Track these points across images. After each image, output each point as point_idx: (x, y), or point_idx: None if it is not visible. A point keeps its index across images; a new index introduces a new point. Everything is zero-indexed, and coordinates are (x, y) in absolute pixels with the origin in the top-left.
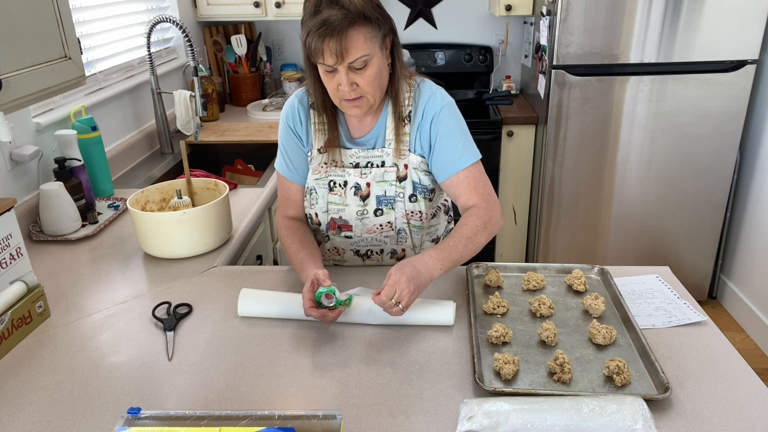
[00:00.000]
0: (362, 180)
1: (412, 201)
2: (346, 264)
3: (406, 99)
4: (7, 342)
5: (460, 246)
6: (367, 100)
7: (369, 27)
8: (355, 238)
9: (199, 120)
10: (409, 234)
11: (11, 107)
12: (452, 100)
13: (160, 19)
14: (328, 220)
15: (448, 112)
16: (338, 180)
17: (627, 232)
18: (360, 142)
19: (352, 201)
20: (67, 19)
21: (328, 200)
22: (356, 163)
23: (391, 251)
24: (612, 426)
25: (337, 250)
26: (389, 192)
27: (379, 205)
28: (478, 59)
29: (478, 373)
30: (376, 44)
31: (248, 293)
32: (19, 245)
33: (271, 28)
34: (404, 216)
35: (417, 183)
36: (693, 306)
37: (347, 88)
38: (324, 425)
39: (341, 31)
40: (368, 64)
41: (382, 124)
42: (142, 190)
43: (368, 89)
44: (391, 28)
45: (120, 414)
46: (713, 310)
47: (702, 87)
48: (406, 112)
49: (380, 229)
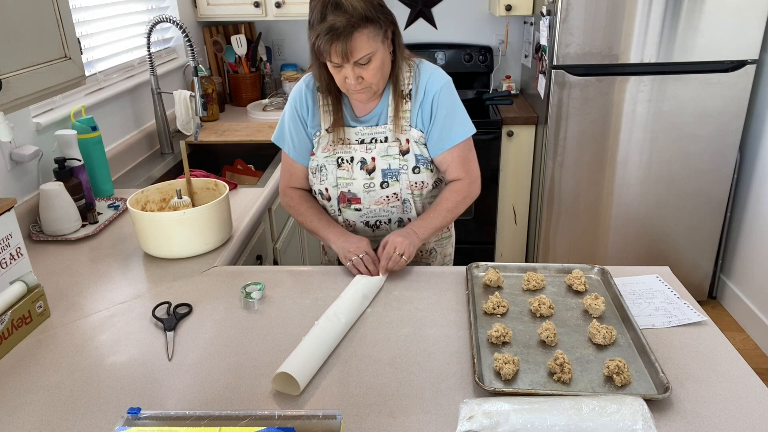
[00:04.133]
0: (368, 155)
1: (416, 172)
2: (359, 235)
3: (405, 78)
4: (7, 342)
5: (440, 216)
6: (371, 89)
7: (371, 27)
8: (364, 210)
9: (199, 120)
10: (413, 204)
11: (11, 107)
12: (450, 79)
13: (160, 19)
14: (338, 194)
15: (447, 90)
16: (345, 156)
17: (627, 232)
18: (363, 120)
19: (359, 175)
20: (67, 19)
21: (337, 175)
22: (361, 140)
23: (398, 220)
24: (612, 426)
25: (349, 222)
26: (393, 165)
27: (385, 177)
28: (478, 59)
29: (478, 373)
30: (378, 41)
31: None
32: (19, 245)
33: (271, 28)
34: (408, 187)
35: (419, 156)
36: (693, 306)
37: (353, 81)
38: (324, 425)
39: (346, 36)
40: (372, 60)
41: (384, 103)
42: (142, 190)
43: (373, 80)
44: (392, 22)
45: (120, 414)
46: (713, 310)
47: (702, 87)
48: (406, 90)
49: (387, 200)
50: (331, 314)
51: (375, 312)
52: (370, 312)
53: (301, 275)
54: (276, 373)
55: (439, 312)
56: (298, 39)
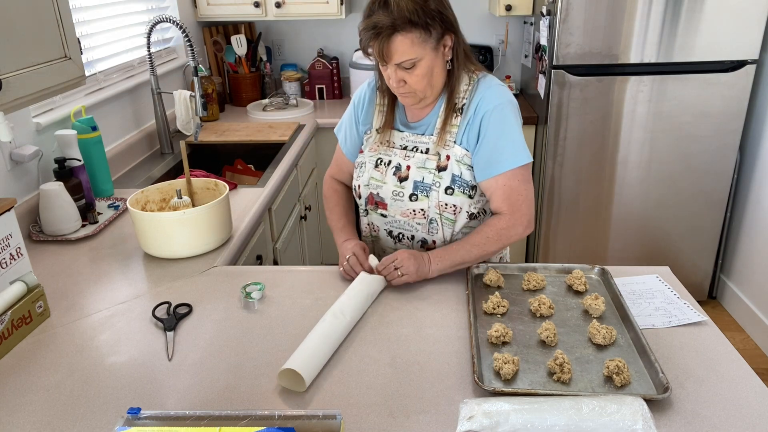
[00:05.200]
0: (404, 162)
1: (448, 193)
2: (380, 243)
3: (462, 92)
4: (7, 342)
5: (463, 250)
6: (416, 95)
7: (417, 32)
8: (389, 217)
9: (199, 120)
10: (441, 226)
11: (11, 107)
12: (510, 100)
13: (160, 19)
14: (368, 194)
15: (500, 112)
16: (384, 158)
17: (627, 232)
18: (413, 126)
19: (390, 180)
20: (67, 19)
21: (371, 175)
22: (404, 146)
23: (421, 240)
24: (612, 426)
25: (373, 226)
26: (426, 179)
27: (415, 190)
28: (478, 59)
29: (478, 372)
30: (427, 47)
31: (299, 363)
32: (19, 245)
33: (271, 28)
34: (437, 206)
35: (457, 176)
36: (693, 306)
37: (395, 84)
38: (324, 425)
39: (386, 37)
40: (417, 65)
41: (435, 113)
42: (142, 190)
43: (416, 87)
44: (449, 29)
45: (120, 414)
46: (713, 310)
47: (702, 87)
48: (460, 104)
49: (413, 214)
50: (337, 311)
51: (375, 312)
52: (371, 312)
53: (301, 275)
54: (282, 369)
55: (439, 312)
56: (298, 39)
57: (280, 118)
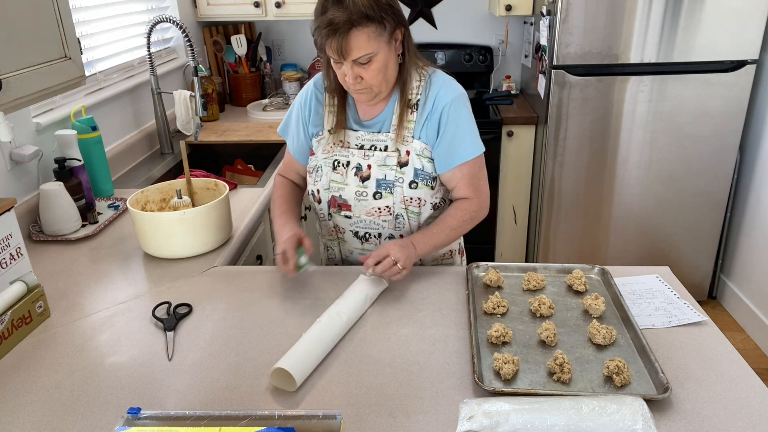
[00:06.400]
0: (364, 161)
1: (412, 187)
2: (347, 245)
3: (414, 88)
4: (7, 342)
5: (443, 234)
6: (372, 90)
7: (373, 26)
8: (354, 218)
9: (199, 120)
10: (407, 220)
11: (11, 107)
12: (463, 92)
13: (160, 19)
14: (329, 198)
15: (457, 105)
16: (342, 160)
17: (627, 232)
18: (367, 125)
19: (352, 181)
20: (67, 19)
21: (330, 178)
22: (361, 145)
23: (388, 236)
24: (612, 426)
25: (338, 228)
26: (389, 176)
27: (378, 188)
28: (478, 59)
29: (478, 372)
30: (381, 41)
31: (291, 364)
32: (19, 245)
33: (271, 28)
34: (402, 201)
35: (420, 170)
36: (693, 306)
37: (351, 80)
38: (324, 425)
39: (343, 33)
40: (373, 60)
41: (389, 109)
42: (142, 190)
43: (372, 82)
44: (400, 23)
45: (120, 414)
46: (713, 310)
47: (702, 87)
48: (414, 100)
49: (378, 212)
50: (333, 312)
51: (375, 312)
52: (371, 312)
53: (300, 275)
54: (273, 368)
55: (439, 312)
56: (298, 39)
57: (280, 118)
